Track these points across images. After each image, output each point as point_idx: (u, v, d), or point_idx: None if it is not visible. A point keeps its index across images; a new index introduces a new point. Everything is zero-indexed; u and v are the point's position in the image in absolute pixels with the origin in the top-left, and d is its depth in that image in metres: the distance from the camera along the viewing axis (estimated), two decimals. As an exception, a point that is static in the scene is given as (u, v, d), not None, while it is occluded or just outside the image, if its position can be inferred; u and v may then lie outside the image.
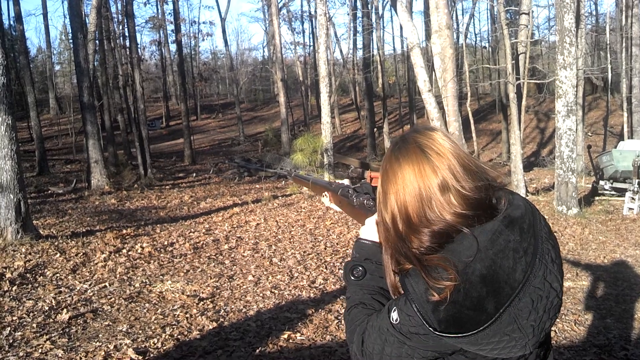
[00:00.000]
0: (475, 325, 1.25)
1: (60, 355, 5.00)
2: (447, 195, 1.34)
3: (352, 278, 1.62)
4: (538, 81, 21.10)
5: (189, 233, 10.73)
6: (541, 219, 1.40)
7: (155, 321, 5.95)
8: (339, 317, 6.12)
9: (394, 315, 1.38)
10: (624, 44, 27.70)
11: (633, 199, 13.06)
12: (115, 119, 29.93)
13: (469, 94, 23.93)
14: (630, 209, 12.91)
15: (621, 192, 14.38)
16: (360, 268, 1.61)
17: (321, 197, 2.20)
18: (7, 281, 7.15)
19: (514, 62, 17.54)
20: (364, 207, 1.85)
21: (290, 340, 5.51)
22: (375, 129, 33.02)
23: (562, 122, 12.50)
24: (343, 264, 7.70)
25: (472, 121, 24.03)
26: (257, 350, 5.24)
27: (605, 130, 28.75)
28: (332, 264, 8.57)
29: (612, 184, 15.00)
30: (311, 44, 46.35)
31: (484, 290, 1.25)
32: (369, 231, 1.67)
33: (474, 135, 24.79)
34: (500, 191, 1.41)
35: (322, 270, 8.21)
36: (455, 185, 1.34)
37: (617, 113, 31.65)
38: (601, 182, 15.37)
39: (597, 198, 15.02)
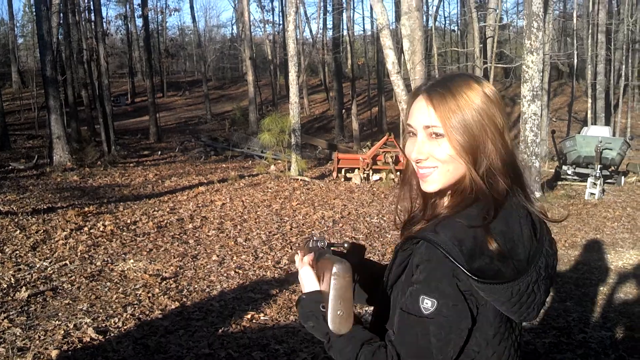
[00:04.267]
0: (508, 277, 1.30)
1: (18, 333, 4.90)
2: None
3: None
4: (505, 65, 21.27)
5: (152, 212, 10.60)
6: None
7: (117, 300, 5.87)
8: (303, 298, 6.11)
9: (426, 303, 1.29)
10: (590, 31, 28.05)
11: (595, 184, 13.29)
12: (79, 95, 29.34)
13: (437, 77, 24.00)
14: (591, 194, 13.15)
15: (583, 178, 14.64)
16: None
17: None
18: (-36, 258, 6.98)
19: (482, 45, 17.65)
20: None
21: (254, 321, 5.49)
22: (343, 110, 33.02)
23: (527, 107, 12.61)
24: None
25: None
26: (220, 330, 5.20)
27: (569, 116, 29.17)
28: (297, 245, 8.55)
29: (574, 169, 15.25)
30: (280, 22, 45.91)
31: (508, 246, 1.31)
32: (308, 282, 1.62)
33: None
34: None
35: (287, 251, 8.20)
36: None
37: (581, 99, 32.13)
38: (564, 167, 15.62)
39: (559, 183, 15.26)
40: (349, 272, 1.32)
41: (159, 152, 22.09)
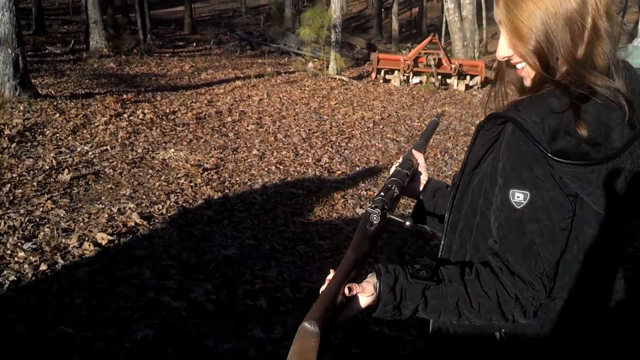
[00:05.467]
0: (595, 158, 1.14)
1: (62, 215, 4.91)
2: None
3: (425, 281, 1.21)
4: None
5: (190, 103, 10.47)
6: None
7: (159, 188, 5.84)
8: (345, 197, 6.04)
9: (517, 197, 1.17)
10: (651, -64, 26.38)
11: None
12: (114, -19, 28.72)
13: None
14: None
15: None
16: (424, 271, 1.22)
17: None
18: (6, 138, 6.96)
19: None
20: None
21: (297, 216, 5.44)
22: (382, 9, 31.95)
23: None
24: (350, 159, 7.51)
25: (483, 7, 23.21)
26: (263, 224, 5.16)
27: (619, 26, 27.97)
28: (337, 144, 8.42)
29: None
30: None
31: (602, 130, 1.14)
32: None
33: (484, 22, 24.00)
34: None
35: (327, 150, 8.08)
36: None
37: (631, 10, 30.67)
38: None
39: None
40: (315, 337, 1.06)
41: (194, 44, 21.70)
